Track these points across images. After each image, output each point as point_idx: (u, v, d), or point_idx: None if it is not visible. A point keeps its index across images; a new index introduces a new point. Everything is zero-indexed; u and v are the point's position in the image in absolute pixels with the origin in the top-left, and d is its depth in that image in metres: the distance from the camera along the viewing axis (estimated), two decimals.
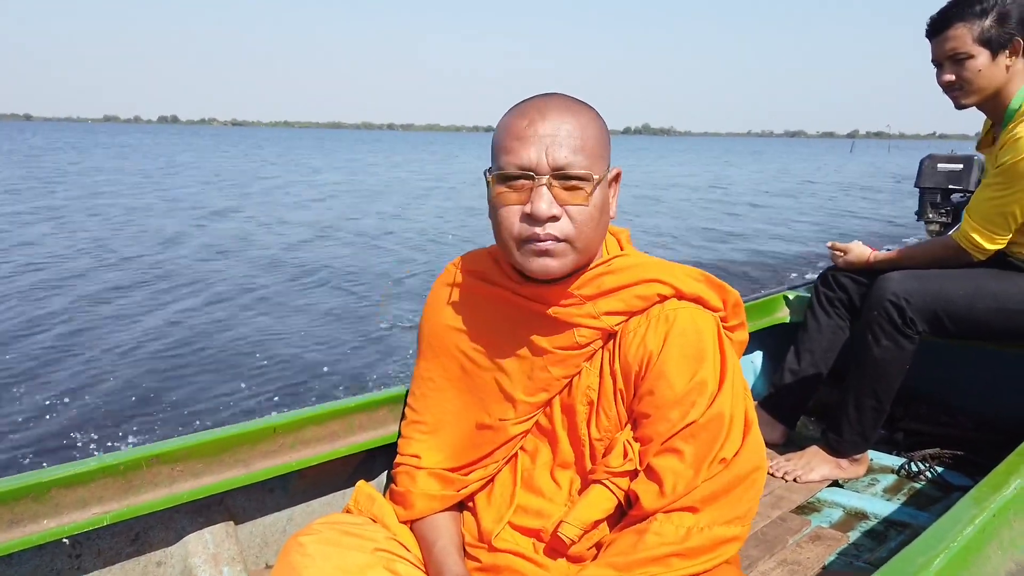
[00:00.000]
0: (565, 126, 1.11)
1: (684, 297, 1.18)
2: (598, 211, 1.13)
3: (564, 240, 1.11)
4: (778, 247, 11.61)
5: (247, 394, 4.84)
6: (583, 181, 1.10)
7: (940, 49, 2.05)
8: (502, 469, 1.30)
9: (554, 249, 1.11)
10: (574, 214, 1.11)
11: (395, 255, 10.29)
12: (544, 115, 1.12)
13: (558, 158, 1.10)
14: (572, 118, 1.12)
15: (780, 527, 1.84)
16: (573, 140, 1.11)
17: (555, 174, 1.10)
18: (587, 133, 1.13)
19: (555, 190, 1.10)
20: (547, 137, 1.10)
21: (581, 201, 1.11)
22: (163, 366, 5.35)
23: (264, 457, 1.38)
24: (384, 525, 1.28)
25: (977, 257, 2.08)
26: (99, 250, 9.93)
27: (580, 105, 1.16)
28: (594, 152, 1.13)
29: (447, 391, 1.31)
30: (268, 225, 13.07)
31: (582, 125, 1.13)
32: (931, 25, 2.07)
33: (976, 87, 2.03)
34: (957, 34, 2.00)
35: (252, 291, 7.82)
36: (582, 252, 1.14)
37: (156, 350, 5.70)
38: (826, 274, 2.40)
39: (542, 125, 1.11)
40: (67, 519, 1.17)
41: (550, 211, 1.09)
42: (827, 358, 2.35)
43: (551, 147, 1.10)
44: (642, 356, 1.15)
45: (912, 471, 2.19)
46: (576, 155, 1.10)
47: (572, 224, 1.11)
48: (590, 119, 1.15)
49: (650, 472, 1.12)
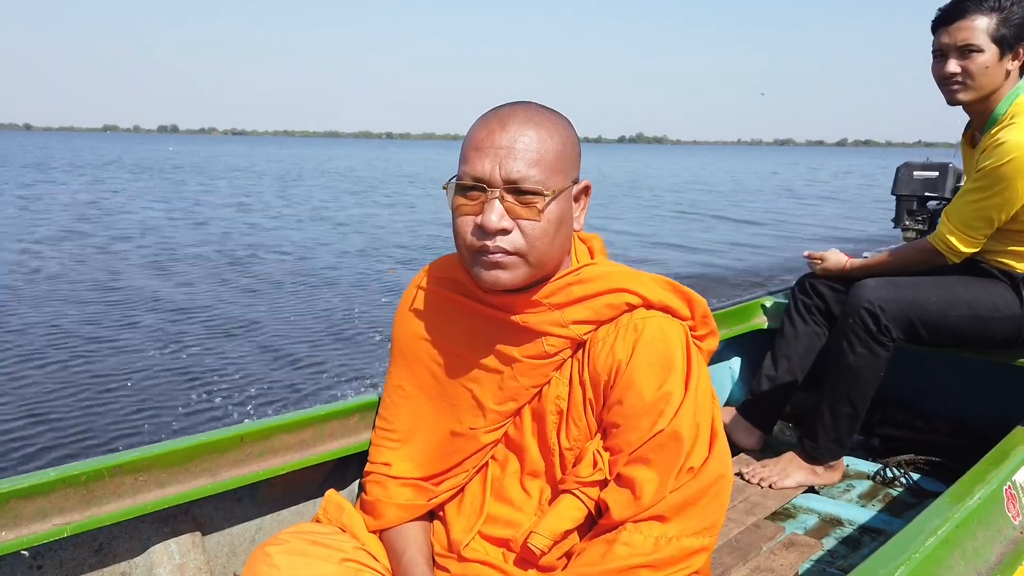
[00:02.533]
0: (523, 138, 1.10)
1: (652, 306, 1.18)
2: (553, 225, 1.12)
3: (515, 253, 1.11)
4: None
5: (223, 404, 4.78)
6: (535, 196, 1.09)
7: (950, 38, 2.00)
8: (472, 479, 1.29)
9: (504, 262, 1.11)
10: (526, 228, 1.10)
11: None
12: (504, 126, 1.11)
13: (511, 171, 1.09)
14: (532, 130, 1.11)
15: (754, 534, 1.84)
16: (529, 153, 1.10)
17: (507, 187, 1.09)
18: (546, 146, 1.11)
19: (507, 203, 1.09)
20: (503, 149, 1.09)
21: (532, 216, 1.10)
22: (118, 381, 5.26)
23: (231, 466, 1.37)
24: (353, 535, 1.27)
25: (952, 260, 2.09)
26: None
27: (545, 116, 1.14)
28: (553, 166, 1.11)
29: (418, 399, 1.30)
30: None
31: (542, 138, 1.11)
32: (944, 13, 2.03)
33: (978, 84, 2.01)
34: (972, 25, 1.97)
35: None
36: (535, 266, 1.13)
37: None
38: (803, 281, 2.41)
39: (500, 136, 1.10)
40: (26, 530, 1.15)
41: (500, 224, 1.09)
42: (804, 364, 2.36)
43: (505, 159, 1.09)
44: (611, 365, 1.15)
45: (887, 477, 2.20)
46: (531, 168, 1.09)
47: (523, 238, 1.11)
48: (553, 131, 1.13)
49: (620, 481, 1.12)
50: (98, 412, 4.55)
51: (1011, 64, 2.00)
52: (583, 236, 1.30)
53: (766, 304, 2.69)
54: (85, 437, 4.20)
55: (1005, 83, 2.02)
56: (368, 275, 9.05)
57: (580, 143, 1.20)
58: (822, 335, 2.36)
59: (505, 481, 1.26)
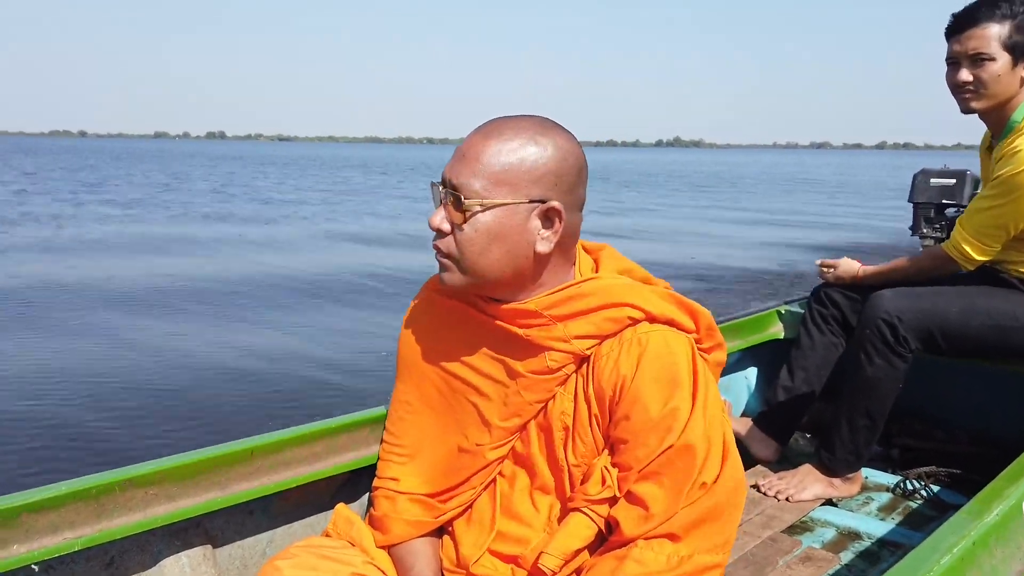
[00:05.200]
0: (478, 147, 1.11)
1: (655, 319, 1.16)
2: (483, 237, 1.11)
3: (448, 256, 1.15)
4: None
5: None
6: (463, 202, 1.11)
7: (962, 47, 1.99)
8: (481, 495, 1.29)
9: (442, 263, 1.16)
10: (456, 234, 1.13)
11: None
12: (473, 134, 1.14)
13: (454, 175, 1.12)
14: (494, 141, 1.11)
15: (770, 548, 1.81)
16: (477, 163, 1.11)
17: (447, 192, 1.12)
18: (498, 159, 1.10)
19: (449, 207, 1.13)
20: (459, 154, 1.13)
21: (458, 222, 1.12)
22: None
23: (242, 479, 1.37)
24: (362, 549, 1.27)
25: (965, 267, 2.06)
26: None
27: (523, 132, 1.12)
28: (498, 178, 1.10)
29: (424, 414, 1.30)
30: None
31: (499, 150, 1.10)
32: (955, 21, 2.01)
33: (991, 92, 1.99)
34: (984, 33, 1.95)
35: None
36: (469, 273, 1.14)
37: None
38: (819, 290, 2.38)
39: (464, 143, 1.14)
40: (37, 544, 1.15)
41: (438, 225, 1.14)
42: (820, 375, 2.33)
43: (456, 164, 1.12)
44: (615, 381, 1.13)
45: (907, 489, 2.17)
46: (474, 177, 1.10)
47: (455, 243, 1.13)
48: (517, 146, 1.11)
49: (630, 498, 1.11)
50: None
51: None
52: (589, 247, 1.29)
53: (782, 312, 2.66)
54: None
55: (1021, 90, 1.99)
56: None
57: (572, 169, 1.14)
58: (839, 345, 2.33)
59: (514, 497, 1.25)
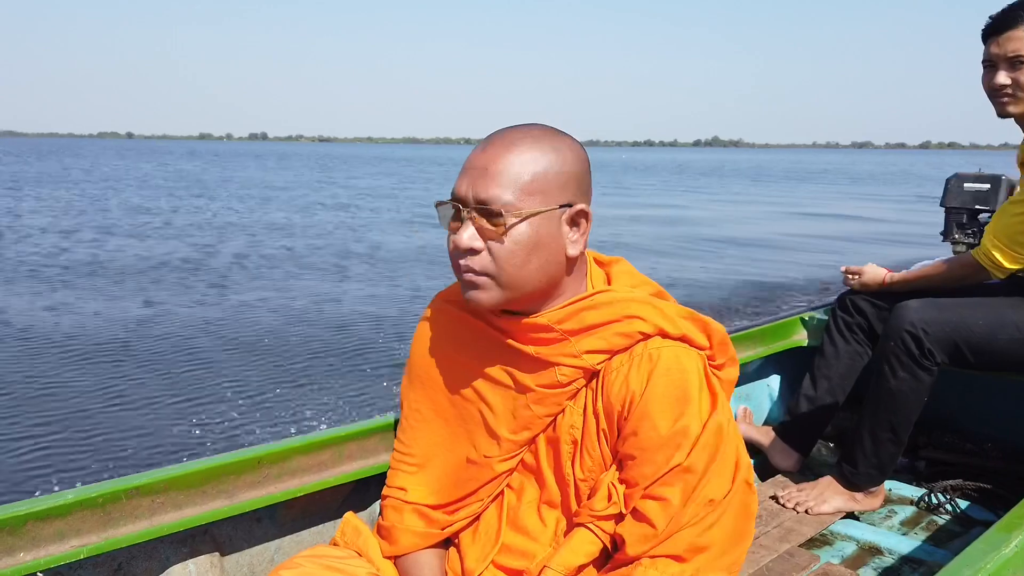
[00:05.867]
0: (500, 160, 1.09)
1: (667, 335, 1.14)
2: (523, 248, 1.09)
3: (484, 274, 1.10)
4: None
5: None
6: (500, 216, 1.08)
7: (1000, 49, 1.94)
8: (488, 507, 1.27)
9: (476, 281, 1.11)
10: (493, 249, 1.09)
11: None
12: (486, 147, 1.11)
13: (479, 191, 1.08)
14: (513, 151, 1.09)
15: (787, 563, 1.78)
16: (502, 175, 1.08)
17: (477, 207, 1.09)
18: (524, 168, 1.09)
19: (478, 223, 1.09)
20: (477, 170, 1.09)
21: (497, 237, 1.09)
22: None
23: (249, 488, 1.37)
24: (369, 559, 1.26)
25: (996, 275, 2.00)
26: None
27: (536, 138, 1.11)
28: (529, 188, 1.09)
29: (435, 423, 1.29)
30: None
31: (521, 160, 1.09)
32: (993, 23, 1.96)
33: None
34: (1023, 35, 1.90)
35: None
36: (508, 288, 1.11)
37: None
38: (843, 298, 2.33)
39: (480, 156, 1.10)
40: (44, 552, 1.16)
41: (469, 243, 1.09)
42: (844, 384, 2.28)
43: (478, 179, 1.09)
44: (625, 396, 1.11)
45: (932, 503, 2.11)
46: (502, 189, 1.08)
47: (492, 259, 1.10)
48: (539, 155, 1.10)
49: (636, 515, 1.09)
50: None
51: None
52: (601, 260, 1.27)
53: (805, 319, 2.61)
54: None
55: None
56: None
57: (587, 170, 1.16)
58: (864, 354, 2.28)
59: (521, 510, 1.24)
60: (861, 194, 27.19)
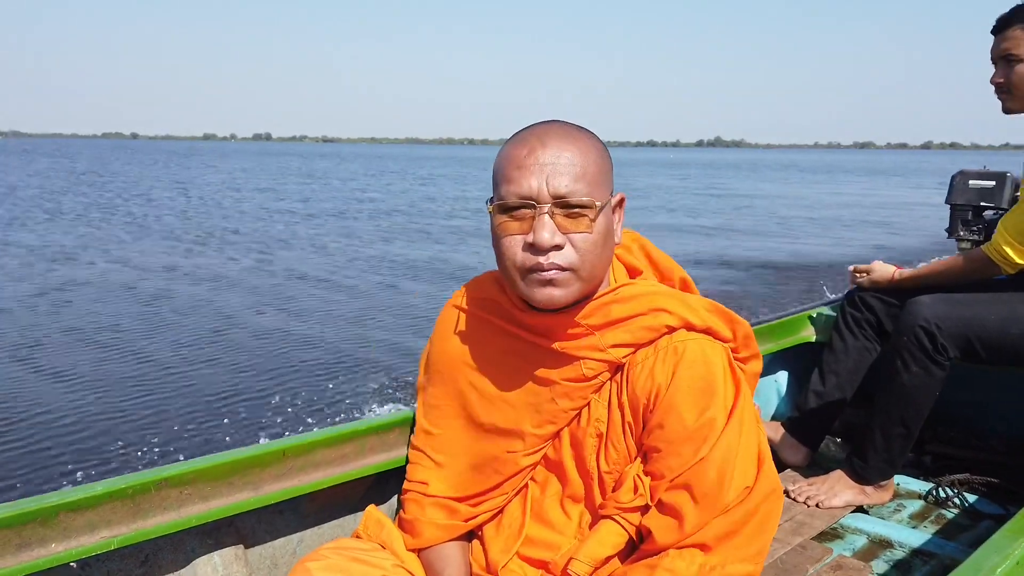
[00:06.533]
0: (565, 154, 1.10)
1: (693, 328, 1.15)
2: (602, 238, 1.12)
3: (568, 269, 1.10)
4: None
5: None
6: (586, 208, 1.09)
7: (997, 47, 2.01)
8: (512, 500, 1.28)
9: (559, 279, 1.10)
10: (577, 242, 1.09)
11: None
12: (544, 143, 1.11)
13: (559, 186, 1.08)
14: (572, 146, 1.11)
15: (800, 555, 1.79)
16: (574, 168, 1.09)
17: (556, 202, 1.08)
18: (588, 160, 1.11)
19: (557, 219, 1.09)
20: (548, 166, 1.09)
21: (584, 229, 1.09)
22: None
23: (274, 480, 1.38)
24: (392, 552, 1.27)
25: (1006, 271, 2.02)
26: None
27: (579, 132, 1.14)
28: (595, 179, 1.11)
29: (454, 419, 1.30)
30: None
31: (583, 152, 1.11)
32: (996, 22, 2.03)
33: (1019, 93, 1.98)
34: (1017, 35, 1.96)
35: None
36: (587, 280, 1.12)
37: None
38: (853, 294, 2.34)
39: (542, 153, 1.10)
40: (75, 543, 1.17)
41: (553, 240, 1.08)
42: (853, 380, 2.30)
43: (552, 175, 1.08)
44: (650, 389, 1.13)
45: (940, 497, 2.13)
46: (577, 183, 1.09)
47: (576, 252, 1.10)
48: (590, 147, 1.13)
49: (662, 507, 1.10)
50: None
51: None
52: (619, 252, 1.28)
53: (814, 316, 2.63)
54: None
55: None
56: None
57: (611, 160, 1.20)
58: (872, 350, 2.29)
59: (545, 503, 1.25)
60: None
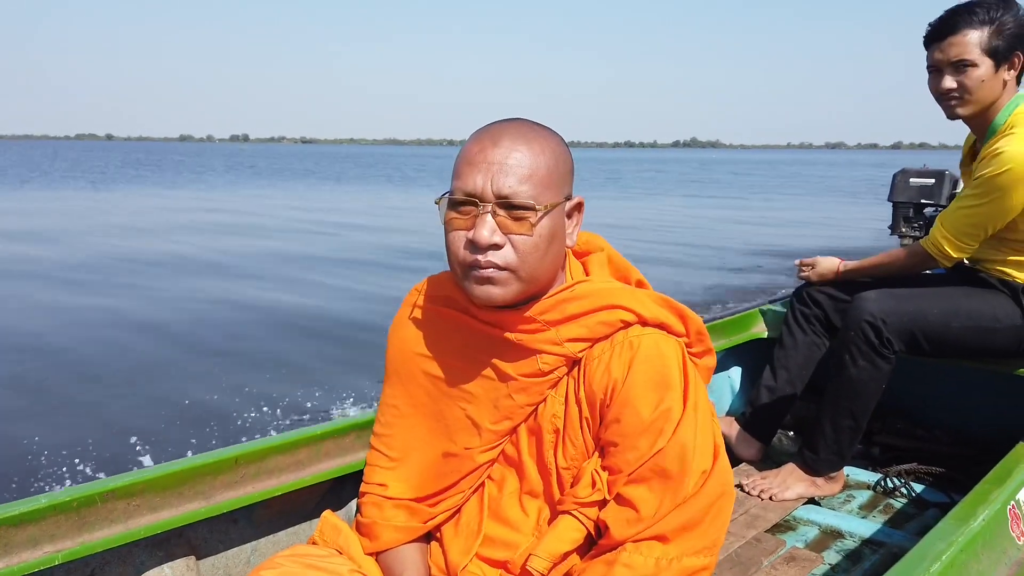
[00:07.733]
0: (515, 154, 1.10)
1: (647, 323, 1.16)
2: (544, 241, 1.11)
3: (506, 268, 1.10)
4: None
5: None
6: (527, 211, 1.09)
7: (944, 54, 2.00)
8: (469, 499, 1.28)
9: (496, 277, 1.10)
10: (517, 243, 1.10)
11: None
12: (496, 142, 1.11)
13: (503, 186, 1.09)
14: (525, 146, 1.11)
15: (755, 548, 1.82)
16: (522, 169, 1.09)
17: (499, 202, 1.09)
18: (539, 162, 1.11)
19: (499, 218, 1.09)
20: (495, 164, 1.09)
21: (525, 231, 1.10)
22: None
23: (225, 488, 1.35)
24: (349, 557, 1.25)
25: (943, 264, 2.09)
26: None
27: (538, 133, 1.14)
28: (545, 182, 1.11)
29: (412, 418, 1.29)
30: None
31: (534, 153, 1.11)
32: (934, 29, 2.02)
33: (976, 97, 2.00)
34: (964, 40, 1.96)
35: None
36: (527, 281, 1.12)
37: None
38: (801, 290, 2.39)
39: (492, 152, 1.10)
40: (16, 559, 1.13)
41: (491, 239, 1.08)
42: (803, 375, 2.34)
43: (497, 175, 1.09)
44: (607, 383, 1.13)
45: (888, 487, 2.19)
46: (523, 184, 1.09)
47: (515, 253, 1.10)
48: (545, 148, 1.13)
49: (619, 500, 1.11)
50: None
51: (1007, 74, 1.99)
52: (578, 250, 1.29)
53: (765, 312, 2.68)
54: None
55: (1003, 93, 2.01)
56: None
57: (573, 161, 1.20)
58: (821, 345, 2.35)
59: (503, 501, 1.25)
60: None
